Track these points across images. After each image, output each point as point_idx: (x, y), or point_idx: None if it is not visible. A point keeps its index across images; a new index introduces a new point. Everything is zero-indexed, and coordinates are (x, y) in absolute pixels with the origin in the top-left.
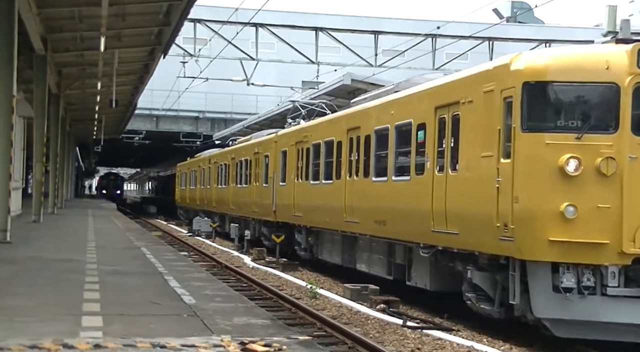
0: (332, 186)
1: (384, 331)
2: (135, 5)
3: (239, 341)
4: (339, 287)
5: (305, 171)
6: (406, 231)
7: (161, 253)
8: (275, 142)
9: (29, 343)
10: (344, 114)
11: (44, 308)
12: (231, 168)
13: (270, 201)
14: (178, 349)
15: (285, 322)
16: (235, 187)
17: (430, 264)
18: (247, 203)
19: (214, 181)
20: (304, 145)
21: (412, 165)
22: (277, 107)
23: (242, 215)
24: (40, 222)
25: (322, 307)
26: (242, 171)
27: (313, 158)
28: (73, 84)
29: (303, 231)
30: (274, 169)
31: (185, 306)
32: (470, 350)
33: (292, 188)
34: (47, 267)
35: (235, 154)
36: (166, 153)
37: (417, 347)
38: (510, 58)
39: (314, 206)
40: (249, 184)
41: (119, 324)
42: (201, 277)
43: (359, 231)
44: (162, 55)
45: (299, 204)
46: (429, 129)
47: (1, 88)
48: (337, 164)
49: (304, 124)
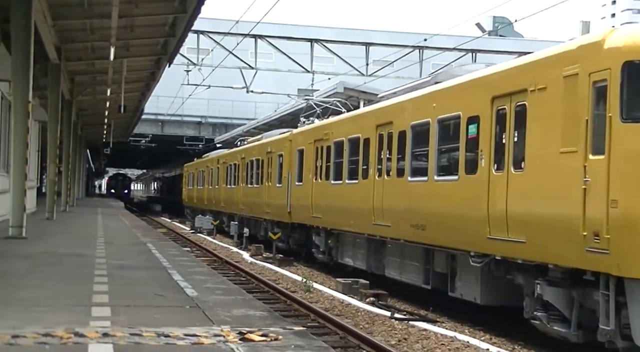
0: (358, 186)
1: (373, 323)
2: (143, 18)
3: (237, 331)
4: (331, 282)
5: (326, 171)
6: (452, 237)
7: (165, 249)
8: (290, 141)
9: (43, 331)
10: (373, 109)
11: (57, 299)
12: (241, 168)
13: (284, 201)
14: (181, 338)
15: (281, 314)
16: (245, 187)
17: (482, 274)
18: (259, 203)
19: (222, 181)
20: (323, 144)
21: (461, 164)
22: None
23: (253, 215)
24: (54, 219)
25: (316, 300)
26: (253, 171)
27: (335, 157)
28: (84, 90)
29: (322, 233)
30: (288, 169)
31: (187, 298)
32: (453, 340)
33: (309, 188)
34: (60, 261)
35: (246, 154)
36: (170, 155)
37: (403, 337)
38: (603, 34)
39: (335, 207)
40: (260, 184)
41: (126, 315)
42: (202, 272)
43: (390, 235)
44: (167, 64)
45: (318, 205)
46: (484, 122)
47: (18, 94)
48: (364, 162)
49: (324, 121)
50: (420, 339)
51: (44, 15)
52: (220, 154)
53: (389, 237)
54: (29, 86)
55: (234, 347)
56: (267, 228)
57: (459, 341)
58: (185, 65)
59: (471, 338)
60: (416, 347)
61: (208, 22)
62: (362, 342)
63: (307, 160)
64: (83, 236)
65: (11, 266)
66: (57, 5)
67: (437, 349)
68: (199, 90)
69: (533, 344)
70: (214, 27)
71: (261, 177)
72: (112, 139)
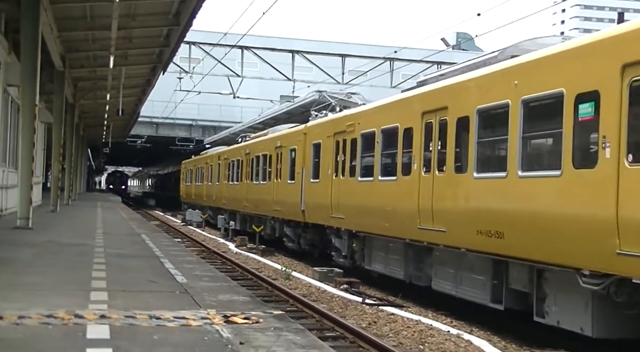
0: (396, 184)
1: (346, 307)
2: (140, 30)
3: (222, 314)
4: (309, 270)
5: (350, 166)
6: (548, 248)
7: (158, 239)
8: (305, 134)
9: (46, 313)
10: (417, 93)
11: (59, 284)
12: (245, 164)
13: (297, 199)
14: (171, 320)
15: (262, 299)
16: (250, 184)
17: (597, 299)
18: (266, 201)
19: (224, 177)
20: (347, 136)
21: (565, 155)
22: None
23: (259, 213)
24: (57, 212)
25: (295, 286)
26: (259, 167)
27: (362, 150)
28: (86, 95)
29: (344, 236)
30: (302, 164)
31: (177, 285)
32: (418, 323)
33: (328, 186)
34: (62, 250)
35: (251, 150)
36: (164, 155)
37: (373, 321)
38: None
39: (363, 207)
40: (268, 180)
41: (122, 299)
42: (192, 260)
43: (445, 242)
44: (162, 71)
45: (340, 204)
46: (606, 99)
47: (26, 98)
48: (405, 157)
49: (346, 112)
50: (388, 322)
51: (50, 27)
52: (221, 150)
53: (442, 245)
54: (36, 91)
55: (219, 328)
56: (274, 227)
57: (422, 323)
58: (178, 72)
59: (434, 321)
60: (384, 330)
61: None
62: (336, 325)
63: (325, 155)
64: (84, 227)
65: (19, 253)
66: (62, 18)
67: (403, 331)
68: (190, 95)
69: (489, 326)
70: (205, 38)
71: (269, 173)
72: (111, 139)
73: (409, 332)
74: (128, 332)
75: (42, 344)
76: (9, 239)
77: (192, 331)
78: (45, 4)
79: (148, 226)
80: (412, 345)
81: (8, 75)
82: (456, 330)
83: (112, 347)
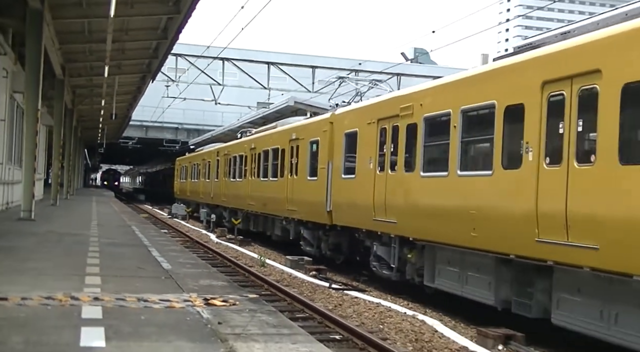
0: (492, 180)
1: (314, 292)
2: (132, 43)
3: (203, 297)
4: (282, 258)
5: (405, 158)
6: None
7: (146, 230)
8: (332, 124)
9: (46, 295)
10: (532, 56)
11: (58, 269)
12: (249, 160)
13: (321, 198)
14: (157, 302)
15: (239, 284)
16: (256, 180)
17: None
18: (278, 200)
19: (224, 174)
20: (401, 122)
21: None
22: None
23: (268, 213)
24: (57, 205)
25: (269, 273)
26: (268, 163)
27: (427, 138)
28: (84, 101)
29: (394, 243)
30: (328, 158)
31: (163, 271)
32: (378, 305)
33: (369, 183)
34: (61, 239)
35: (257, 144)
36: (152, 154)
37: (339, 303)
38: None
39: (428, 209)
40: (280, 177)
41: (113, 283)
42: (176, 249)
43: (594, 264)
44: (151, 80)
45: (390, 205)
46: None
47: (29, 103)
48: (511, 143)
49: (401, 92)
50: (352, 305)
51: (52, 40)
52: (221, 146)
53: (586, 267)
54: (39, 97)
55: (199, 310)
56: (286, 228)
57: (382, 306)
58: (165, 81)
59: (392, 304)
60: (349, 312)
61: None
62: (305, 307)
63: (364, 147)
64: (80, 219)
65: (22, 242)
66: (63, 32)
67: (365, 312)
68: (177, 101)
69: (442, 308)
70: (189, 51)
71: (281, 169)
72: (105, 140)
73: (370, 314)
74: (118, 312)
75: (42, 322)
76: (14, 229)
77: (175, 312)
78: (48, 20)
79: (138, 218)
80: (373, 325)
81: (14, 83)
82: (412, 312)
83: (104, 326)
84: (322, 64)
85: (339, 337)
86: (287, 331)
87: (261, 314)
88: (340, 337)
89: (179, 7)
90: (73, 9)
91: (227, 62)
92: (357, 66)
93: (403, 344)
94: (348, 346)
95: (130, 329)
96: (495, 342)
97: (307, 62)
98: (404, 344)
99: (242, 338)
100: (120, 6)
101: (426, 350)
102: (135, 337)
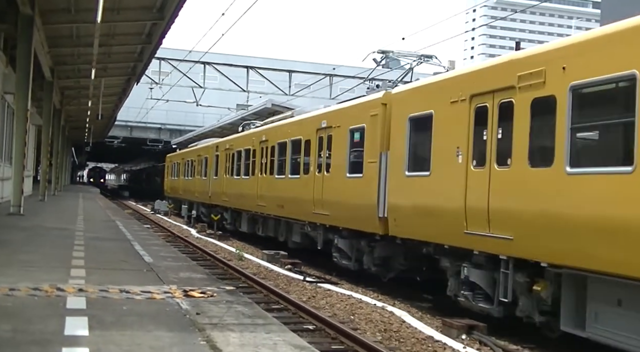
0: None
1: (290, 284)
2: (117, 47)
3: (182, 289)
4: (259, 253)
5: (530, 148)
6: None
7: (130, 225)
8: (384, 105)
9: (33, 286)
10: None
11: (45, 262)
12: (259, 154)
13: (369, 200)
14: (138, 294)
15: (218, 277)
16: (268, 178)
17: None
18: (299, 201)
19: (224, 170)
20: (518, 96)
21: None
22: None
23: (287, 216)
24: (45, 201)
25: (246, 266)
26: (284, 157)
27: (575, 118)
28: (71, 102)
29: (506, 267)
30: (381, 150)
31: (145, 264)
32: (350, 297)
33: (459, 181)
34: (49, 233)
35: (270, 135)
36: (136, 153)
37: (312, 295)
38: None
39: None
40: (303, 174)
41: (97, 275)
42: (158, 243)
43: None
44: (135, 82)
45: (506, 213)
46: None
47: (19, 104)
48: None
49: (519, 53)
50: (325, 297)
51: (42, 44)
52: (220, 140)
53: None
54: (28, 98)
55: (179, 301)
56: (309, 235)
57: (354, 298)
58: (149, 83)
59: (363, 296)
60: (322, 303)
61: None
62: (280, 299)
63: (445, 133)
64: (67, 214)
65: (12, 236)
66: (52, 37)
67: (337, 304)
68: (160, 103)
69: (410, 300)
70: (173, 55)
71: (305, 164)
72: (92, 140)
73: (342, 305)
74: (101, 303)
75: (29, 312)
76: (3, 224)
77: (156, 303)
78: (38, 25)
79: (122, 213)
80: (345, 315)
81: (5, 84)
82: (381, 303)
83: (88, 316)
84: (298, 68)
85: (312, 327)
86: (262, 321)
87: (237, 305)
88: (313, 327)
89: (162, 13)
90: (62, 15)
91: (208, 65)
92: (332, 71)
93: (372, 333)
94: (321, 335)
95: (113, 318)
96: (459, 332)
97: (284, 67)
98: (373, 333)
99: (218, 328)
100: (107, 12)
101: (394, 339)
102: (117, 326)
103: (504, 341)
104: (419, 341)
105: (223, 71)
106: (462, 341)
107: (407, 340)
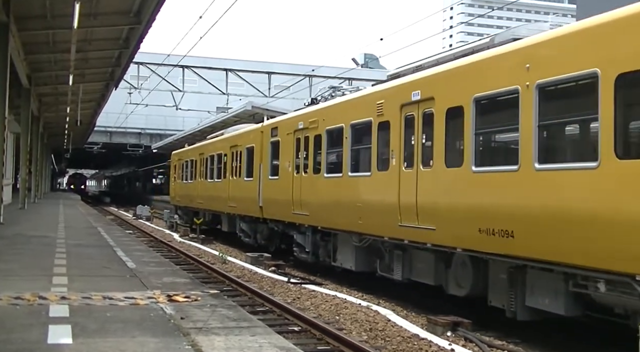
0: None
1: (274, 286)
2: (95, 53)
3: (166, 294)
4: (242, 256)
5: None
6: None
7: (112, 232)
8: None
9: (14, 295)
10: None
11: (26, 270)
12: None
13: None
14: (122, 300)
15: (201, 281)
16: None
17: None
18: (387, 210)
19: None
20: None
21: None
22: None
23: (360, 231)
24: (25, 209)
25: (230, 269)
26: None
27: None
28: (49, 108)
29: None
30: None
31: (128, 269)
32: (334, 297)
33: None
34: (29, 241)
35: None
36: (116, 159)
37: (297, 297)
38: None
39: None
40: (384, 170)
41: (80, 282)
42: (141, 249)
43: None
44: (114, 87)
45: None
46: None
47: None
48: None
49: None
50: (310, 298)
51: (18, 51)
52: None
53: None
54: (6, 105)
55: (163, 306)
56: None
57: (338, 298)
58: (128, 88)
59: (348, 296)
60: (306, 304)
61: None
62: (265, 301)
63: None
64: (48, 222)
65: None
66: (28, 43)
67: (322, 304)
68: (139, 108)
69: (395, 299)
70: (151, 59)
71: (389, 158)
72: (71, 146)
73: (327, 306)
74: (85, 310)
75: (11, 321)
76: None
77: (140, 309)
78: (14, 32)
79: (104, 220)
80: (330, 316)
81: None
82: (366, 302)
83: (71, 324)
84: (278, 70)
85: (298, 328)
86: (247, 324)
87: (222, 308)
88: (299, 328)
89: (139, 17)
90: (38, 21)
91: (187, 69)
92: (311, 72)
93: (358, 333)
94: (306, 336)
95: (96, 326)
96: (444, 329)
97: (263, 68)
98: (359, 333)
99: (203, 332)
100: (84, 18)
101: (380, 338)
102: (101, 333)
103: (489, 337)
104: (404, 339)
105: (202, 74)
106: (447, 338)
107: (392, 339)
